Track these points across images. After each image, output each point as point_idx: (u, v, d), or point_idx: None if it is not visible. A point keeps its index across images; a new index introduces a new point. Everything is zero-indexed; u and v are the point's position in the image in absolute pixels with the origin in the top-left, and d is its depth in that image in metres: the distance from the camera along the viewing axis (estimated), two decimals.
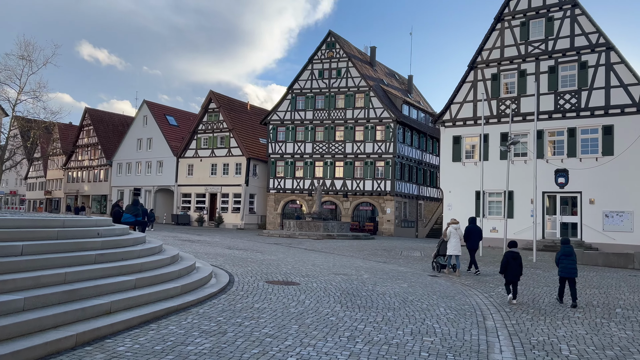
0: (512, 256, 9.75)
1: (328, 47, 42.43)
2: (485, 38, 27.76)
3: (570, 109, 25.23)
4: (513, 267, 9.64)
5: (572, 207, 25.26)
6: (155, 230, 33.14)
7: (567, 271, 9.76)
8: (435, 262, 14.94)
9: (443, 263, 14.63)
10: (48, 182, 62.95)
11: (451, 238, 14.00)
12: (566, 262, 9.78)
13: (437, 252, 14.81)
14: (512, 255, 9.77)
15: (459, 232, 14.20)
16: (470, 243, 14.86)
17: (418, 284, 11.97)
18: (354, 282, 11.27)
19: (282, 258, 16.19)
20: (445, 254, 14.39)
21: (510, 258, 9.73)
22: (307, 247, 22.95)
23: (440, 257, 14.75)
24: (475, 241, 14.91)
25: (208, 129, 45.18)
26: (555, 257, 10.18)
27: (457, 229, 14.13)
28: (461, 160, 28.28)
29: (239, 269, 12.28)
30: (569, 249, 9.91)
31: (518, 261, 9.69)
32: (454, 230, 14.08)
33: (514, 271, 9.65)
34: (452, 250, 13.97)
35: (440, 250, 14.64)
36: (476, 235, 14.99)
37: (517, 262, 9.67)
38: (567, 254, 9.85)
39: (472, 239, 14.87)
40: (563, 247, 10.02)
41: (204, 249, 18.13)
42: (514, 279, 9.74)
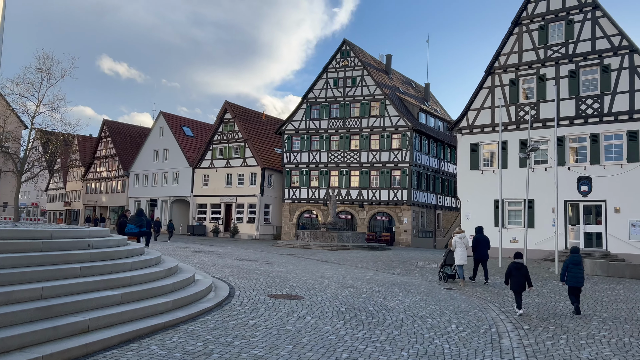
0: (515, 267, 9.60)
1: (343, 55, 42.09)
2: (503, 43, 27.04)
3: (592, 114, 24.30)
4: (516, 277, 9.50)
5: (596, 216, 24.22)
6: (169, 241, 32.94)
7: (575, 280, 9.66)
8: (442, 272, 14.79)
9: (450, 273, 14.50)
10: (67, 194, 63.63)
11: (457, 248, 13.91)
12: (575, 270, 9.68)
13: (444, 262, 14.68)
14: (516, 266, 9.61)
15: (465, 241, 14.08)
16: (479, 253, 14.64)
17: (431, 297, 11.32)
18: (362, 296, 10.68)
19: (291, 270, 15.66)
20: (452, 264, 14.30)
21: (514, 269, 9.59)
22: (320, 258, 22.38)
23: (447, 267, 14.60)
24: (483, 251, 14.66)
25: (223, 140, 45.09)
26: (563, 265, 9.99)
27: (463, 238, 14.03)
28: (479, 169, 27.45)
29: (243, 281, 11.78)
30: (579, 258, 9.81)
31: (522, 272, 9.50)
32: (459, 239, 13.99)
33: (517, 282, 9.49)
34: (458, 260, 13.90)
35: (447, 260, 14.53)
36: (484, 245, 14.74)
37: (520, 272, 9.49)
38: (576, 262, 9.75)
39: (480, 248, 14.64)
40: (572, 256, 9.90)
41: (212, 260, 17.72)
42: (518, 290, 9.54)
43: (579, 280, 9.65)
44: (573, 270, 9.71)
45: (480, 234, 14.98)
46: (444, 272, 14.68)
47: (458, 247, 13.92)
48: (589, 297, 12.32)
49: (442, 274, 14.74)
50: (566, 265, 9.87)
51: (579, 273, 9.68)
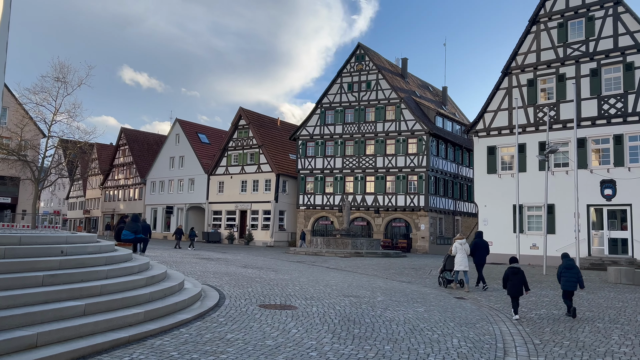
0: (512, 272, 9.79)
1: (357, 59, 41.53)
2: (520, 42, 26.10)
3: (615, 114, 23.16)
4: (514, 282, 9.67)
5: (622, 221, 23.02)
6: (182, 248, 32.65)
7: (569, 284, 9.99)
8: (441, 277, 14.86)
9: (449, 278, 14.52)
10: (87, 202, 64.27)
11: (457, 253, 13.97)
12: (568, 275, 10.01)
13: (444, 268, 14.72)
14: (513, 270, 9.81)
15: (465, 247, 14.11)
16: (477, 258, 14.71)
17: (438, 307, 10.56)
18: (362, 306, 9.99)
19: (295, 277, 15.04)
20: (451, 269, 14.35)
21: (511, 274, 9.78)
22: (330, 265, 21.71)
23: (446, 272, 14.65)
24: (482, 256, 14.73)
25: (238, 146, 44.86)
26: (558, 272, 10.31)
27: (463, 244, 14.10)
28: (497, 172, 26.47)
29: (238, 290, 11.20)
30: (571, 262, 10.23)
31: (519, 276, 9.69)
32: (459, 245, 14.05)
33: (515, 286, 9.66)
34: (458, 265, 13.93)
35: (447, 266, 14.55)
36: (483, 250, 14.82)
37: (517, 277, 9.68)
38: (568, 267, 10.10)
39: (478, 253, 14.71)
40: (565, 261, 10.25)
41: (216, 268, 17.21)
42: (516, 294, 9.71)
43: (573, 285, 9.98)
44: (566, 275, 10.04)
45: (480, 238, 15.10)
46: (443, 277, 14.74)
47: (459, 253, 13.96)
48: (610, 308, 11.39)
49: (442, 279, 14.81)
50: (560, 271, 10.21)
51: (572, 277, 9.98)
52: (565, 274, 10.03)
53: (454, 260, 14.06)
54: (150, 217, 51.72)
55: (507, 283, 9.79)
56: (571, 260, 10.28)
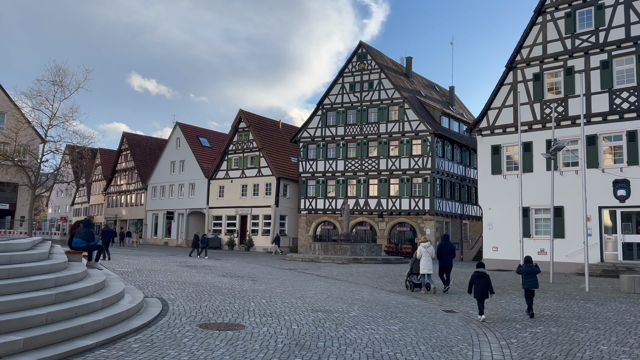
0: (477, 275, 10.16)
1: (359, 59, 40.21)
2: (525, 34, 24.56)
3: (628, 109, 21.50)
4: (479, 286, 10.05)
5: (637, 224, 21.31)
6: (178, 255, 31.54)
7: (531, 284, 10.85)
8: (408, 281, 14.89)
9: (416, 282, 14.61)
10: (91, 207, 63.73)
11: (422, 257, 14.08)
12: (528, 277, 10.86)
13: (410, 271, 14.73)
14: (478, 274, 10.18)
15: (429, 250, 14.21)
16: (443, 260, 14.83)
17: (417, 324, 9.17)
18: (326, 324, 8.64)
19: (271, 288, 13.72)
20: (418, 273, 14.41)
21: (476, 277, 10.15)
22: (322, 273, 20.35)
23: (413, 276, 14.68)
24: (447, 258, 14.83)
25: (238, 149, 43.77)
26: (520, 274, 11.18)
27: (427, 247, 14.21)
28: (502, 173, 24.91)
29: (191, 304, 9.93)
30: (531, 268, 10.91)
31: (483, 280, 10.06)
32: (423, 249, 14.16)
33: (480, 290, 10.04)
34: (423, 268, 14.07)
35: (413, 269, 14.57)
36: (449, 253, 14.93)
37: (482, 280, 10.06)
38: (529, 272, 10.87)
39: (444, 256, 14.82)
40: (525, 266, 11.02)
41: (191, 277, 15.98)
42: (481, 298, 10.10)
43: (534, 284, 10.83)
44: (528, 278, 10.88)
45: (446, 241, 15.33)
46: (410, 281, 14.77)
47: (423, 257, 14.08)
48: (620, 324, 9.88)
49: (409, 283, 14.82)
50: (520, 272, 11.09)
51: (533, 278, 10.83)
52: (526, 277, 10.91)
53: (419, 264, 14.21)
54: (152, 222, 50.86)
55: (472, 286, 10.20)
56: (530, 266, 10.96)
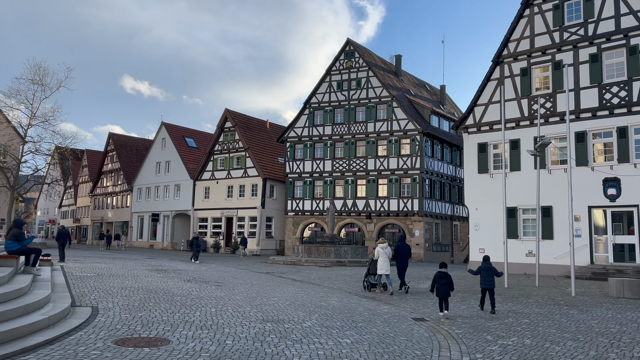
0: (440, 276, 10.66)
1: (347, 56, 39.30)
2: (512, 27, 23.65)
3: (619, 104, 20.60)
4: (441, 285, 10.55)
5: (628, 224, 20.39)
6: (158, 258, 30.53)
7: (487, 283, 11.30)
8: (366, 282, 14.99)
9: (373, 282, 14.75)
10: (78, 210, 62.60)
11: (380, 257, 14.26)
12: (486, 275, 11.33)
13: (368, 272, 14.91)
14: (440, 274, 10.67)
15: (387, 251, 14.39)
16: (399, 261, 14.95)
17: (376, 336, 8.19)
18: (269, 338, 7.66)
19: (230, 295, 12.73)
20: (375, 273, 14.56)
21: (439, 277, 10.64)
22: (299, 277, 19.37)
23: (370, 277, 14.82)
24: (404, 259, 14.99)
25: (224, 149, 42.77)
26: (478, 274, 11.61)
27: (384, 248, 14.41)
28: (488, 172, 23.98)
29: (128, 314, 8.94)
30: (489, 265, 11.47)
31: (446, 280, 10.57)
32: (381, 249, 14.36)
33: (442, 290, 10.55)
34: (380, 269, 14.24)
35: (371, 270, 14.72)
36: (405, 253, 15.07)
37: (444, 280, 10.57)
38: (486, 269, 11.38)
39: (400, 257, 14.95)
40: (484, 263, 11.56)
41: (155, 282, 14.98)
42: (444, 297, 10.59)
43: (490, 283, 11.30)
44: (485, 275, 11.35)
45: (402, 242, 15.60)
46: (367, 281, 14.91)
47: (381, 257, 14.25)
48: (603, 334, 8.91)
49: (366, 283, 14.95)
50: (479, 272, 11.51)
51: (490, 277, 11.30)
52: (484, 275, 11.38)
53: (377, 265, 14.36)
54: (137, 225, 49.78)
55: (435, 286, 10.68)
56: (489, 263, 11.53)
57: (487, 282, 11.24)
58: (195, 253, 27.09)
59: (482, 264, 11.61)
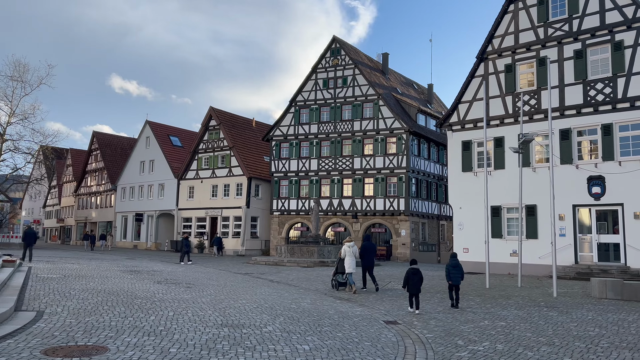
0: (412, 272, 10.94)
1: (332, 54, 38.76)
2: (496, 23, 23.26)
3: (604, 101, 20.24)
4: (413, 281, 10.85)
5: (613, 223, 20.04)
6: (138, 259, 29.86)
7: (455, 280, 11.64)
8: (334, 280, 15.05)
9: (341, 281, 14.85)
10: (62, 210, 61.58)
11: (346, 256, 14.35)
12: (454, 272, 11.65)
13: (336, 270, 14.97)
14: (413, 271, 10.95)
15: (353, 250, 14.49)
16: (365, 260, 15.01)
17: (338, 341, 7.66)
18: (220, 345, 7.11)
19: (196, 297, 12.15)
20: (344, 272, 14.63)
21: (411, 274, 10.93)
22: (277, 278, 18.82)
23: (338, 275, 14.89)
24: (370, 258, 15.05)
25: (209, 148, 42.08)
26: (446, 271, 11.87)
27: (351, 247, 14.52)
28: (472, 170, 23.56)
29: (73, 319, 8.36)
30: (456, 262, 11.86)
31: (418, 276, 10.88)
32: (347, 248, 14.48)
33: (414, 285, 10.83)
34: (347, 268, 14.34)
35: (339, 269, 14.78)
36: (371, 252, 15.18)
37: (416, 277, 10.87)
38: (454, 265, 11.74)
39: (366, 256, 15.01)
40: (452, 260, 11.90)
41: (118, 284, 14.38)
42: (415, 293, 10.85)
43: (457, 280, 11.64)
44: (453, 272, 11.68)
45: (368, 241, 15.73)
46: (335, 280, 14.97)
47: (347, 256, 14.34)
48: (580, 338, 8.44)
49: (334, 282, 15.00)
50: (448, 268, 11.80)
51: (457, 274, 11.65)
52: (452, 271, 11.68)
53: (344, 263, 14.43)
54: (121, 225, 48.95)
55: (407, 282, 10.94)
56: (457, 260, 11.94)
57: (455, 278, 11.66)
58: (184, 254, 26.49)
59: (449, 261, 12.02)
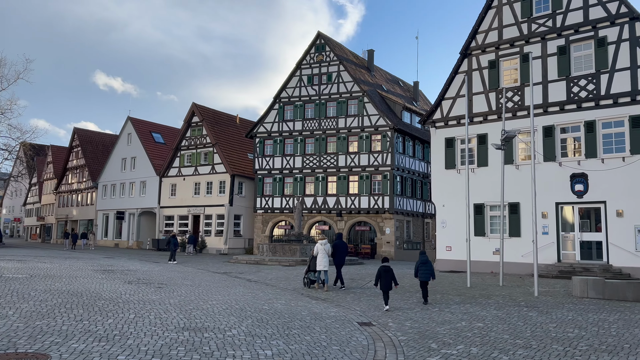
0: (384, 270, 11.09)
1: (317, 50, 38.27)
2: (480, 18, 22.95)
3: (587, 98, 20.04)
4: (385, 279, 11.04)
5: (596, 221, 19.86)
6: (115, 257, 29.18)
7: (424, 277, 11.98)
8: (306, 278, 15.01)
9: (313, 278, 14.77)
10: (42, 208, 60.40)
11: (319, 254, 14.32)
12: (423, 268, 11.98)
13: (308, 268, 14.91)
14: (384, 269, 11.11)
15: (326, 247, 14.42)
16: (337, 258, 15.04)
17: (305, 345, 7.23)
18: (175, 351, 6.66)
19: (165, 298, 11.66)
20: (315, 270, 14.54)
21: (383, 272, 11.08)
22: (255, 277, 18.36)
23: (310, 273, 14.82)
24: (341, 257, 15.09)
25: (191, 145, 41.40)
26: (415, 268, 12.24)
27: (324, 244, 14.46)
28: (455, 167, 23.27)
29: (22, 324, 7.84)
30: (425, 258, 12.19)
31: (389, 274, 11.06)
32: (320, 246, 14.43)
33: (386, 283, 11.04)
34: (319, 265, 14.29)
35: (311, 266, 14.72)
36: (342, 251, 15.23)
37: (388, 274, 11.05)
38: (423, 262, 12.06)
39: (338, 254, 15.07)
40: (420, 257, 12.22)
41: (85, 284, 13.84)
42: (387, 290, 11.07)
43: (426, 277, 11.97)
44: (422, 269, 11.99)
45: (340, 239, 15.74)
46: (307, 278, 14.94)
47: (319, 254, 14.31)
48: (558, 340, 8.10)
49: (306, 280, 14.98)
50: (417, 265, 12.13)
51: (426, 271, 11.96)
52: (421, 268, 11.99)
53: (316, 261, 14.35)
54: (102, 223, 48.08)
55: (379, 280, 11.12)
56: (425, 256, 12.24)
57: (424, 275, 11.98)
58: (172, 253, 25.99)
59: (419, 258, 12.27)
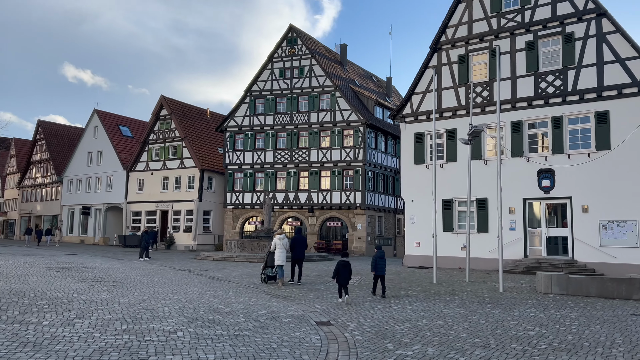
0: (342, 264, 11.25)
1: (289, 43, 37.72)
2: (450, 12, 22.79)
3: (554, 94, 20.07)
4: (343, 273, 11.20)
5: (562, 217, 19.93)
6: (77, 254, 28.17)
7: (380, 270, 12.23)
8: (263, 274, 14.75)
9: (271, 275, 14.55)
10: (5, 203, 58.38)
11: (277, 249, 14.15)
12: (381, 263, 12.26)
13: (265, 264, 14.68)
14: (343, 263, 11.27)
15: (284, 242, 14.26)
16: (295, 253, 14.94)
17: (252, 348, 6.80)
18: (105, 357, 6.14)
19: (114, 298, 11.07)
20: (273, 266, 14.36)
21: (341, 266, 11.23)
22: (219, 275, 17.81)
23: (268, 269, 14.61)
24: (300, 251, 14.98)
25: (160, 139, 40.40)
26: (372, 263, 12.44)
27: (282, 239, 14.27)
28: (425, 163, 23.11)
29: None
30: (382, 253, 12.43)
31: (347, 268, 11.26)
32: (278, 241, 14.24)
33: (344, 277, 11.20)
34: (277, 260, 14.13)
35: (269, 262, 14.51)
36: (301, 245, 15.11)
37: (346, 269, 11.23)
38: (380, 256, 12.30)
39: (297, 249, 14.94)
40: (378, 252, 12.45)
41: (33, 283, 13.13)
42: (344, 283, 11.22)
43: (382, 271, 12.23)
44: (380, 263, 12.23)
45: (299, 234, 15.61)
46: (265, 274, 14.68)
47: (278, 249, 14.13)
48: (517, 339, 7.85)
49: (264, 276, 14.72)
50: (375, 260, 12.31)
51: (382, 265, 12.26)
52: (379, 263, 12.23)
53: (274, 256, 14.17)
54: (67, 219, 46.65)
55: (337, 274, 11.23)
56: (382, 251, 12.48)
57: (380, 269, 12.20)
58: (143, 249, 25.28)
59: (376, 252, 12.46)
